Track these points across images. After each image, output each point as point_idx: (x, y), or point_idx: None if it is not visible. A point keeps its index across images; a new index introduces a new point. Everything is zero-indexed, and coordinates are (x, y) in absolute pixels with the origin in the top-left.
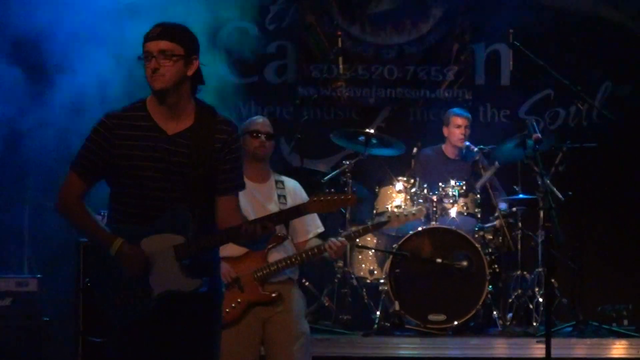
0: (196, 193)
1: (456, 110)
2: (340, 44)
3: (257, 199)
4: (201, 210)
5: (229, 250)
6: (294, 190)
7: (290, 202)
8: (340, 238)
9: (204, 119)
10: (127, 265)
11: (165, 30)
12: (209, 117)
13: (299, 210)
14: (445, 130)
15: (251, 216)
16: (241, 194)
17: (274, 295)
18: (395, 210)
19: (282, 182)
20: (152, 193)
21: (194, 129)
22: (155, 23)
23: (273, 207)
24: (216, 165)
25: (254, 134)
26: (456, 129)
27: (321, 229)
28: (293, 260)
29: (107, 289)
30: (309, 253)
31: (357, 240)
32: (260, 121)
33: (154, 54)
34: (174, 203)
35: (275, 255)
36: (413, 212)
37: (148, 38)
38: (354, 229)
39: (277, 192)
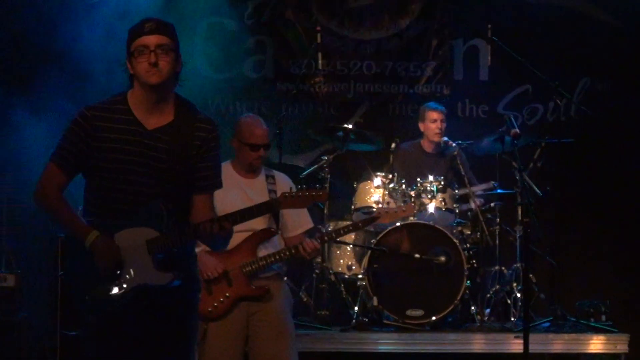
0: (172, 188)
1: (431, 104)
2: (319, 39)
3: (247, 193)
4: (176, 205)
5: None
6: (285, 185)
7: None
8: (314, 240)
9: (184, 116)
10: (100, 258)
11: (160, 25)
12: (190, 114)
13: (269, 207)
14: (421, 126)
15: None
16: (232, 188)
17: (262, 290)
18: (384, 206)
19: (272, 177)
20: (128, 187)
21: (174, 124)
22: (143, 19)
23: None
24: (194, 163)
25: (254, 148)
26: (432, 124)
27: (311, 225)
28: (282, 255)
29: (81, 282)
30: (292, 251)
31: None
32: (259, 133)
33: (152, 48)
34: (150, 197)
35: (264, 251)
36: (403, 208)
37: (143, 32)
38: (342, 225)
39: (268, 187)
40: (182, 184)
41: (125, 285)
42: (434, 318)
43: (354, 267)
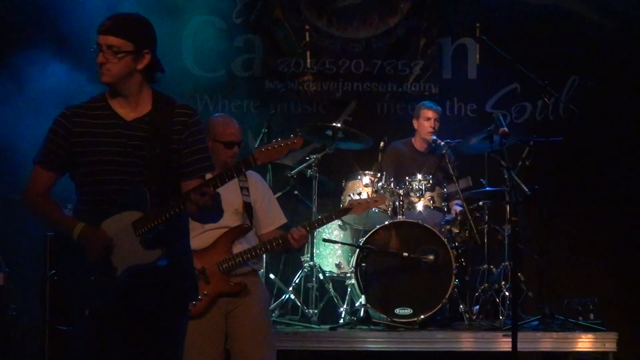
0: (154, 175)
1: (427, 103)
2: (307, 38)
3: (220, 191)
4: (159, 189)
5: (194, 242)
6: (256, 182)
7: (253, 193)
8: (300, 227)
9: (162, 105)
10: (89, 247)
11: (116, 25)
12: (167, 104)
13: (247, 163)
14: (415, 123)
15: None
16: None
17: (240, 286)
18: (357, 197)
19: (244, 175)
20: (113, 177)
21: (152, 114)
22: (110, 15)
23: (235, 200)
24: (177, 149)
25: (229, 145)
26: (425, 122)
27: (284, 221)
28: (257, 251)
29: (73, 277)
30: (273, 244)
31: (321, 230)
32: (233, 130)
33: (103, 47)
34: (133, 186)
35: (239, 247)
36: (375, 198)
37: (100, 30)
38: (318, 218)
39: (240, 185)
40: (163, 170)
41: (116, 271)
42: (422, 317)
43: (342, 266)
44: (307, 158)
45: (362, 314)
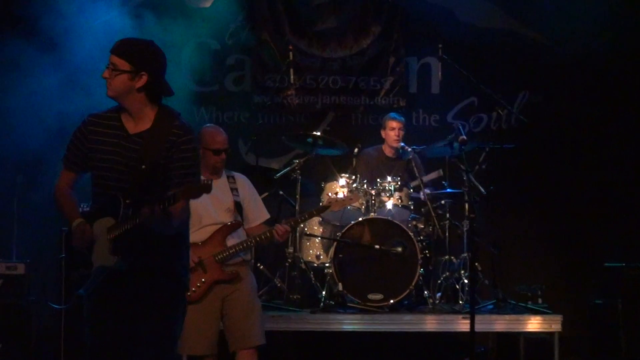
0: (134, 188)
1: (391, 114)
2: (291, 57)
3: (214, 192)
4: (135, 201)
5: (193, 236)
6: (244, 183)
7: (242, 194)
8: (284, 224)
9: (161, 123)
10: (74, 240)
11: (120, 45)
12: (167, 122)
13: (176, 197)
14: (382, 133)
15: (209, 208)
16: None
17: (233, 274)
18: (334, 196)
19: (232, 177)
20: (110, 184)
21: (149, 131)
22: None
23: (227, 199)
24: (164, 166)
25: (217, 152)
26: (391, 131)
27: (268, 216)
28: (248, 243)
29: (76, 262)
30: (260, 237)
31: (303, 225)
32: (220, 139)
33: (109, 64)
34: (123, 193)
35: (232, 240)
36: (350, 197)
37: (111, 48)
38: (300, 215)
39: (230, 186)
40: (147, 186)
41: (92, 265)
42: (392, 301)
43: (322, 257)
44: (291, 162)
45: (339, 299)
